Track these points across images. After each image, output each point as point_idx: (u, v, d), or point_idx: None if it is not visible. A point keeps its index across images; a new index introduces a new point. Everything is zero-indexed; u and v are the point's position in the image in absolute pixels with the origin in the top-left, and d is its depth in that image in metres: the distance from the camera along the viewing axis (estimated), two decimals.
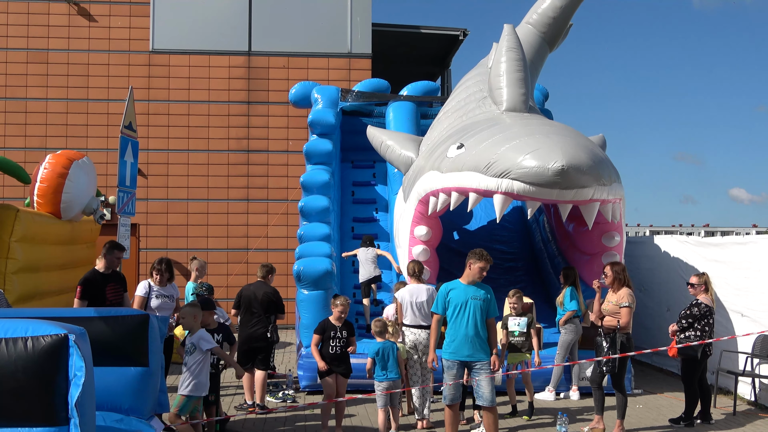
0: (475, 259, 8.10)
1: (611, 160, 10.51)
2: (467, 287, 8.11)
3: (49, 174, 12.40)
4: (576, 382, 11.10)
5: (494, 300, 8.22)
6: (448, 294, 8.14)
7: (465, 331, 7.95)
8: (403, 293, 9.73)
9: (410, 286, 9.82)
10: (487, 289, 8.19)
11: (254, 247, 19.02)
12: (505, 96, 11.62)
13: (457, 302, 8.04)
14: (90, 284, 8.95)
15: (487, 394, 7.94)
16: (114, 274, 9.28)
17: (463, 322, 7.97)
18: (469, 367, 8.02)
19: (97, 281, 9.00)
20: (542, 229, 14.22)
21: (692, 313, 9.60)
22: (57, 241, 12.75)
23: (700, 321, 9.57)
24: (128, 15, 19.62)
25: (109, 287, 9.06)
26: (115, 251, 9.27)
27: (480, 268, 8.06)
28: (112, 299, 8.98)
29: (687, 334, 9.63)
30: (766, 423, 9.68)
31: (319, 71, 19.79)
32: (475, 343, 7.95)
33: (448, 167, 10.65)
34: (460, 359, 7.99)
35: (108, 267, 9.19)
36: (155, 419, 6.50)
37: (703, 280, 9.85)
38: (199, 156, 19.48)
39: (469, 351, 7.95)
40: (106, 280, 9.07)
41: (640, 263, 13.89)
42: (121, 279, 9.43)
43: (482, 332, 8.00)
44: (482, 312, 8.01)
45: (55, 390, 4.39)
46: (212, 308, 8.65)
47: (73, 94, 19.34)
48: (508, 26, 11.85)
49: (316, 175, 13.58)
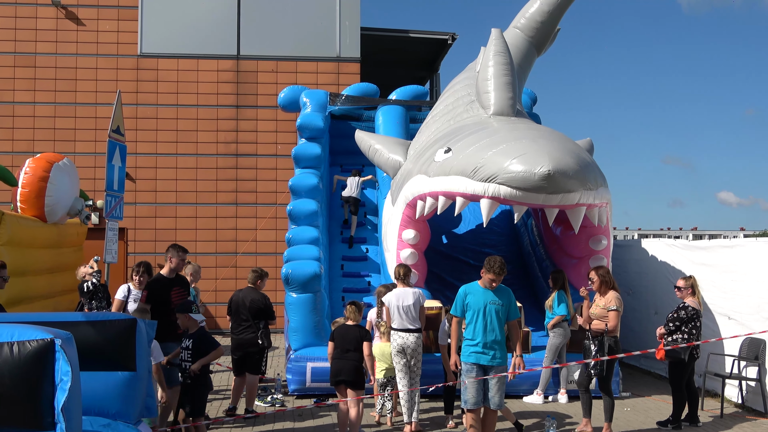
0: (486, 270, 8.03)
1: (599, 163, 10.57)
2: (485, 291, 8.06)
3: (30, 178, 12.37)
4: (564, 385, 11.13)
5: (514, 302, 8.20)
6: (466, 297, 8.10)
7: (483, 336, 7.93)
8: (390, 297, 9.69)
9: (397, 290, 9.78)
10: (506, 291, 8.14)
11: (243, 251, 19.00)
12: (492, 100, 11.66)
13: (475, 307, 8.00)
14: (155, 288, 8.87)
15: (497, 399, 7.96)
16: (178, 278, 9.22)
17: (481, 327, 7.95)
18: (487, 370, 7.99)
19: (162, 285, 8.92)
20: (530, 233, 14.25)
21: (679, 317, 9.64)
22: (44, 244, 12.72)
23: (687, 324, 9.61)
24: (116, 19, 19.58)
25: (175, 291, 8.97)
26: (180, 252, 9.15)
27: (490, 279, 8.02)
28: (176, 303, 8.82)
29: (674, 337, 9.67)
30: (753, 425, 9.73)
31: (307, 75, 19.79)
32: (493, 348, 7.94)
33: (436, 171, 10.67)
34: (479, 363, 7.98)
35: (173, 271, 9.09)
36: (143, 424, 6.48)
37: (690, 283, 9.89)
38: (188, 160, 19.45)
39: (487, 355, 7.94)
40: (171, 284, 8.99)
41: (628, 267, 13.95)
42: (185, 283, 9.35)
43: (500, 336, 7.98)
44: (500, 316, 7.98)
45: (41, 395, 4.38)
46: (184, 311, 8.12)
47: (60, 97, 19.28)
48: (495, 30, 11.89)
49: (304, 179, 13.59)
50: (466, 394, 7.99)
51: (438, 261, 13.22)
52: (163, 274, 9.07)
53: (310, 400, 10.77)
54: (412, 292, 9.71)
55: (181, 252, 9.14)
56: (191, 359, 7.80)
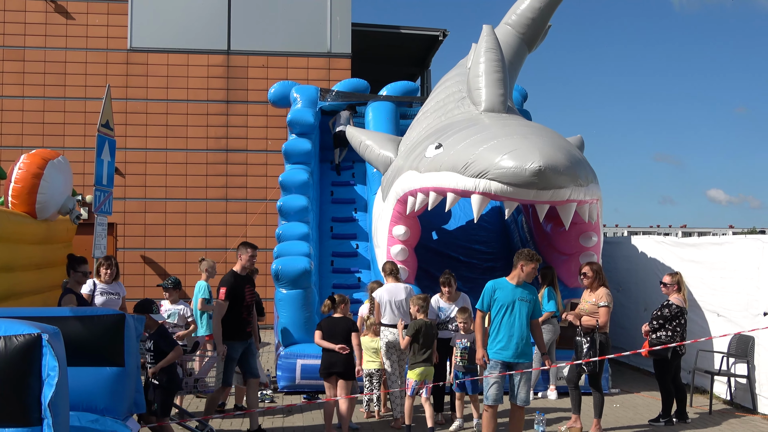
0: (526, 261, 8.01)
1: (590, 161, 10.57)
2: (515, 288, 8.03)
3: (23, 174, 12.28)
4: (553, 381, 11.14)
5: (538, 301, 8.20)
6: (495, 293, 8.05)
7: (510, 332, 7.90)
8: (381, 292, 9.71)
9: (388, 285, 9.79)
10: (531, 290, 8.14)
11: (233, 247, 18.94)
12: (483, 96, 11.64)
13: (504, 302, 7.96)
14: (234, 286, 8.73)
15: (523, 395, 7.96)
16: (248, 275, 9.10)
17: (509, 323, 7.91)
18: (512, 367, 7.97)
19: (237, 283, 8.80)
20: (520, 230, 14.25)
21: (663, 315, 9.67)
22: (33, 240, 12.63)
23: (671, 322, 9.64)
24: (106, 13, 19.49)
25: (247, 288, 8.89)
26: (250, 249, 9.01)
27: (533, 268, 8.03)
28: (249, 300, 8.80)
29: (658, 335, 9.70)
30: (741, 422, 9.76)
31: (298, 71, 19.75)
32: (520, 345, 7.92)
33: (427, 167, 10.66)
34: (504, 359, 7.94)
35: (245, 268, 8.97)
36: (131, 419, 6.46)
37: (676, 280, 9.92)
38: (178, 155, 19.39)
39: (514, 352, 7.91)
40: (244, 281, 8.89)
41: (618, 263, 13.97)
42: (252, 280, 9.22)
43: (527, 334, 7.98)
44: (528, 313, 7.98)
45: (27, 390, 4.35)
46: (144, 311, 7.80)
47: (49, 92, 19.19)
48: (487, 27, 11.88)
49: (294, 175, 13.55)
50: (488, 389, 7.97)
51: (428, 257, 13.20)
52: (236, 270, 8.92)
53: (300, 396, 10.76)
54: (404, 287, 9.78)
55: (250, 248, 8.98)
56: (154, 361, 7.77)
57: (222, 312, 8.59)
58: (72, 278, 8.94)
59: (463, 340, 9.23)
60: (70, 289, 8.69)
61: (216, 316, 8.64)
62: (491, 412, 8.01)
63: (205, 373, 8.52)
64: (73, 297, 8.51)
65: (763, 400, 10.13)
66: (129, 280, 17.02)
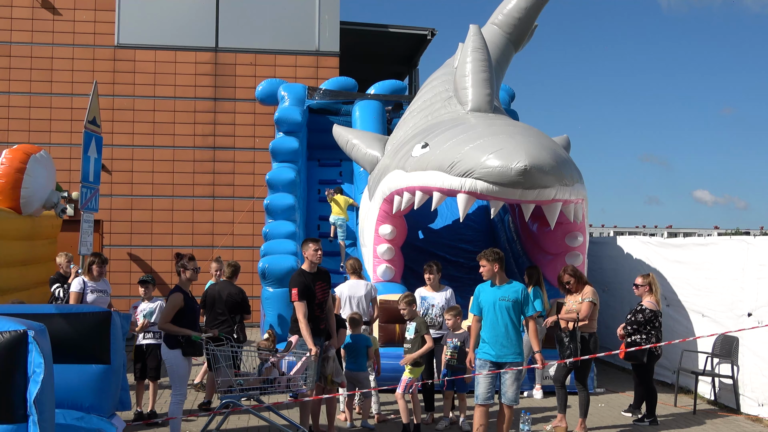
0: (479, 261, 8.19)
1: (576, 161, 10.63)
2: (494, 288, 8.11)
3: (6, 169, 12.24)
4: (539, 381, 11.18)
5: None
6: (480, 295, 8.18)
7: (494, 332, 7.97)
8: (342, 288, 9.98)
9: (350, 282, 10.08)
10: (517, 288, 8.13)
11: (220, 245, 18.92)
12: (470, 96, 11.68)
13: (486, 304, 8.07)
14: (304, 284, 8.56)
15: (510, 394, 7.99)
16: (319, 271, 8.84)
17: (492, 323, 7.99)
18: (500, 366, 8.02)
19: (307, 280, 8.61)
20: (507, 229, 14.30)
21: (636, 320, 9.72)
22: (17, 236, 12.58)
23: (645, 326, 9.70)
24: (93, 9, 19.40)
25: (318, 285, 8.68)
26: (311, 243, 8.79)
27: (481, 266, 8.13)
28: (321, 297, 8.64)
29: (633, 338, 9.76)
30: (725, 422, 9.82)
31: (286, 68, 19.72)
32: (504, 344, 7.96)
33: (413, 166, 10.68)
34: (491, 359, 8.01)
35: (313, 264, 8.73)
36: (116, 417, 6.45)
37: (648, 281, 9.99)
38: (164, 152, 19.33)
39: (499, 351, 7.96)
40: (314, 278, 8.67)
41: (603, 263, 14.02)
42: (326, 276, 8.95)
43: (512, 332, 8.00)
44: (510, 312, 7.99)
45: (13, 387, 4.33)
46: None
47: (36, 88, 19.09)
48: (473, 27, 11.92)
49: (282, 173, 13.55)
50: (477, 389, 8.03)
51: (415, 256, 13.22)
52: (305, 269, 8.75)
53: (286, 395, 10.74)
54: (365, 284, 10.05)
55: (312, 243, 8.78)
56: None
57: (303, 311, 8.42)
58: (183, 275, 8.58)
59: (453, 339, 9.25)
60: (179, 287, 8.39)
61: (300, 317, 8.48)
62: (481, 411, 8.05)
63: (299, 373, 8.42)
64: (181, 296, 8.26)
65: (746, 400, 10.20)
66: (115, 278, 16.96)
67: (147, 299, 9.91)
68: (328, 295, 8.81)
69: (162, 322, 8.10)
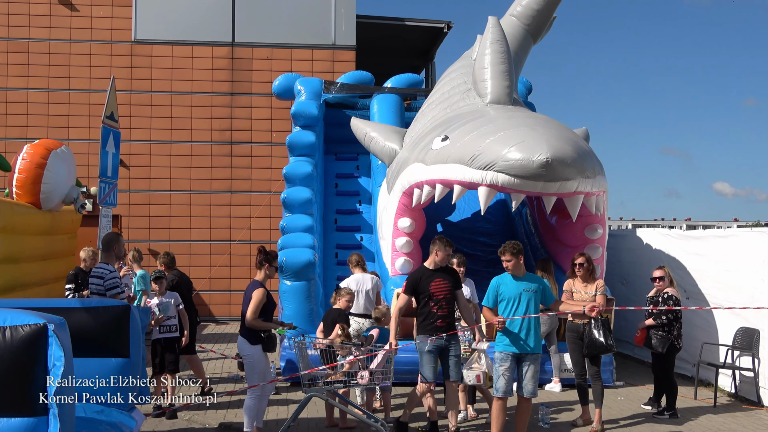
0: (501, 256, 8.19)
1: (597, 153, 10.55)
2: (518, 280, 8.11)
3: (27, 164, 12.30)
4: (557, 374, 11.12)
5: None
6: (499, 288, 8.15)
7: (518, 324, 7.95)
8: (349, 282, 10.04)
9: (356, 275, 10.17)
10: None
11: (237, 239, 18.95)
12: (489, 88, 11.63)
13: (510, 297, 8.04)
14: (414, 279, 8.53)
15: (530, 387, 8.00)
16: (443, 268, 8.63)
17: (514, 314, 7.98)
18: (520, 359, 8.02)
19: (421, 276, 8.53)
20: (525, 222, 14.24)
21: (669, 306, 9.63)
22: (38, 231, 12.65)
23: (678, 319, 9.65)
24: (110, 5, 19.45)
25: (435, 282, 8.47)
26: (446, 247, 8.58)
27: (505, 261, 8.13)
28: (437, 294, 8.41)
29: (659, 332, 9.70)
30: (746, 415, 9.75)
31: (302, 63, 19.71)
32: (528, 336, 7.96)
33: (433, 159, 10.64)
34: (513, 351, 7.99)
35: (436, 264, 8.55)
36: (136, 410, 6.47)
37: (667, 271, 9.96)
38: (182, 147, 19.37)
39: (522, 344, 7.96)
40: (432, 274, 8.51)
41: (622, 256, 13.94)
42: (451, 273, 8.72)
43: (535, 325, 8.01)
44: (536, 304, 8.04)
45: (33, 380, 4.35)
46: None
47: (54, 83, 19.17)
48: (492, 18, 11.86)
49: (298, 167, 13.53)
50: (498, 382, 8.01)
51: None
52: (426, 264, 8.67)
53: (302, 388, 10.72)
54: (371, 277, 10.19)
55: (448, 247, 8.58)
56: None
57: (400, 305, 8.40)
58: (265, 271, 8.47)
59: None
60: (260, 282, 8.32)
61: (393, 309, 8.48)
62: (500, 404, 8.02)
63: (380, 366, 8.44)
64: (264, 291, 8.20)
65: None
66: None
67: (161, 294, 9.92)
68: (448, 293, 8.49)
69: (251, 318, 7.95)
